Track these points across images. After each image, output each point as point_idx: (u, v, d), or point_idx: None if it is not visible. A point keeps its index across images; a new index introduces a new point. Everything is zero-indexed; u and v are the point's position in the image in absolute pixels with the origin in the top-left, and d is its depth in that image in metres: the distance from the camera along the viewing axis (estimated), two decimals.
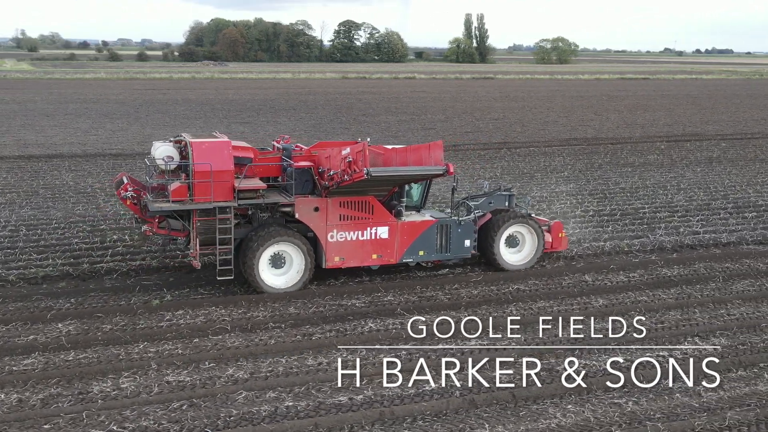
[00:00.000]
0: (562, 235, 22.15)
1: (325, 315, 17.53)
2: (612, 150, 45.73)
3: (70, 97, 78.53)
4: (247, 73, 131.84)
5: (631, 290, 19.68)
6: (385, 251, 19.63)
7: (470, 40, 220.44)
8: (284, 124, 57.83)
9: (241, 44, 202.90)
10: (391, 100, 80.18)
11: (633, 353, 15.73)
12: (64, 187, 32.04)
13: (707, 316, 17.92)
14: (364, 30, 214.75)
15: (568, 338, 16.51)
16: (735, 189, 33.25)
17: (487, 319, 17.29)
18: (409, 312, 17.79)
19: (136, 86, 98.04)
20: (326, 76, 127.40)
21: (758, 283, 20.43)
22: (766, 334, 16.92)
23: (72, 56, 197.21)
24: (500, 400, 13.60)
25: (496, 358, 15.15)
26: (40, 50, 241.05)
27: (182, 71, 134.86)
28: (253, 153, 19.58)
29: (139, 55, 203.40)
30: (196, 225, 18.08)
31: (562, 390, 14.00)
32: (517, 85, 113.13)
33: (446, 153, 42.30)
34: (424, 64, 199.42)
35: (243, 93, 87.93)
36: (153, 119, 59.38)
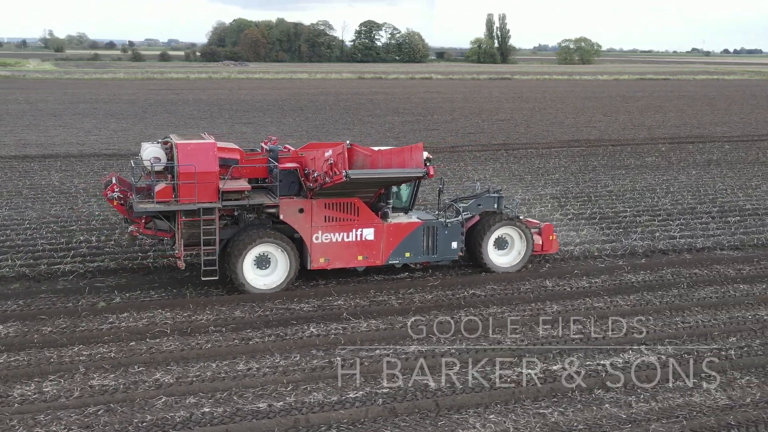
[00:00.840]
0: (553, 238, 21.95)
1: (269, 319, 17.36)
2: (612, 152, 45.15)
3: (83, 97, 79.19)
4: (264, 73, 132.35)
5: (590, 296, 19.31)
6: (370, 253, 19.57)
7: (492, 41, 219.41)
8: (288, 124, 57.85)
9: (262, 44, 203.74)
10: (402, 101, 79.95)
11: (572, 361, 15.39)
12: (48, 187, 32.19)
13: (660, 324, 17.52)
14: (385, 30, 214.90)
15: (510, 346, 16.17)
16: (725, 192, 32.63)
17: (431, 325, 17.08)
18: (355, 317, 17.59)
19: (151, 86, 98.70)
20: (342, 77, 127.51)
21: (722, 290, 19.95)
22: (716, 343, 16.46)
23: (96, 56, 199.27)
24: (422, 409, 13.34)
25: (428, 365, 14.95)
26: (66, 50, 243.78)
27: (200, 71, 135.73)
28: (239, 154, 19.60)
29: (161, 55, 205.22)
30: (181, 226, 18.15)
31: (488, 399, 13.73)
32: (533, 85, 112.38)
33: (442, 154, 42.53)
34: (445, 64, 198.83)
35: (256, 93, 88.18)
36: (159, 119, 59.64)
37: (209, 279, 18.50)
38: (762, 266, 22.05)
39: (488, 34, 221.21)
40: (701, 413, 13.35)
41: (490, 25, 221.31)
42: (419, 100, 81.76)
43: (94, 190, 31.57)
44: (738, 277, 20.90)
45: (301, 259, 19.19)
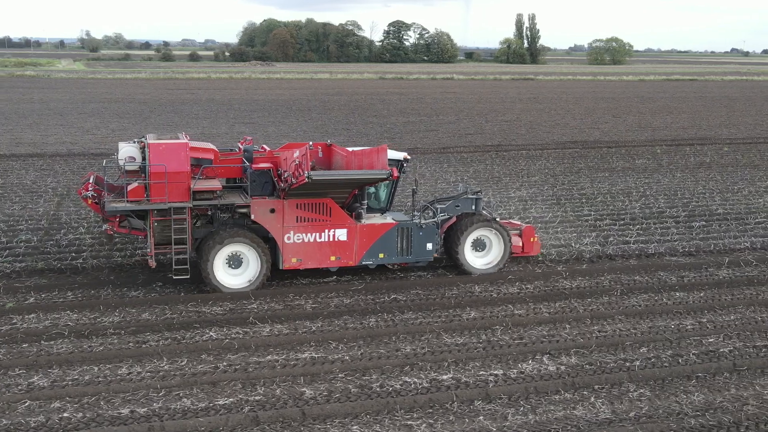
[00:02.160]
0: (534, 240, 21.72)
1: (173, 322, 17.12)
2: (604, 154, 44.30)
3: (98, 97, 79.98)
4: (286, 73, 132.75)
5: (513, 303, 18.77)
6: (343, 253, 19.51)
7: (521, 41, 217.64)
8: (288, 124, 57.76)
9: (290, 45, 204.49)
10: (413, 102, 79.52)
11: (466, 371, 14.93)
12: (18, 186, 32.36)
13: (575, 333, 16.95)
14: (413, 30, 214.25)
15: (408, 353, 15.75)
16: (703, 196, 31.74)
17: (335, 331, 16.75)
18: (262, 321, 17.30)
19: (170, 86, 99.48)
20: (363, 77, 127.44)
21: (655, 298, 19.29)
22: (624, 353, 15.86)
23: (126, 56, 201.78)
24: (287, 418, 12.98)
25: (312, 372, 14.63)
26: (101, 51, 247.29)
27: (224, 71, 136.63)
28: (213, 154, 19.70)
29: (191, 55, 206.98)
30: (153, 225, 18.29)
31: (359, 409, 13.32)
32: (553, 86, 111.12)
33: (430, 155, 42.06)
34: (473, 64, 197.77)
35: (270, 93, 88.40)
36: (162, 119, 59.91)
37: (180, 278, 18.67)
38: (707, 273, 21.34)
39: (518, 34, 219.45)
40: (576, 427, 12.81)
41: (520, 26, 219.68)
42: (431, 101, 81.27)
43: (63, 189, 31.71)
44: (677, 285, 20.23)
45: (274, 259, 19.19)
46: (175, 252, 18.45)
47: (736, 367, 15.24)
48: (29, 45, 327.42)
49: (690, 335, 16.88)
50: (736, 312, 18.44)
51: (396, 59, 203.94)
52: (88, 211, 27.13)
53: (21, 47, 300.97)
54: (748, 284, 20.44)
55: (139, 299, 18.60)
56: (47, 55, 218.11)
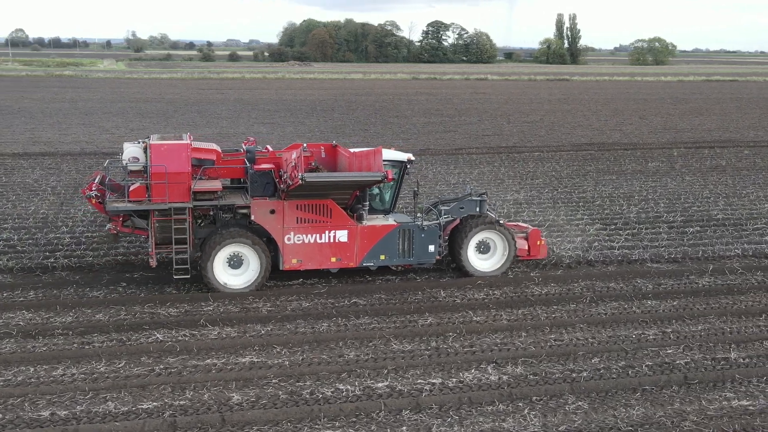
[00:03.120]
0: (540, 243, 21.36)
1: (123, 323, 17.04)
2: (619, 156, 43.39)
3: (129, 96, 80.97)
4: (320, 73, 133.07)
5: (475, 309, 18.35)
6: (344, 255, 19.44)
7: (561, 41, 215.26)
8: (308, 125, 57.76)
9: (329, 45, 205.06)
10: (440, 102, 79.06)
11: (403, 379, 14.58)
12: (18, 185, 32.75)
13: (529, 341, 16.49)
14: (452, 30, 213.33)
15: (349, 360, 15.45)
16: (707, 201, 30.83)
17: (283, 335, 16.53)
18: (213, 324, 17.15)
19: (202, 86, 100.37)
20: (397, 77, 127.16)
21: (624, 306, 18.70)
22: (573, 364, 15.36)
23: (168, 56, 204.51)
24: (205, 423, 12.78)
25: (246, 377, 14.44)
26: (145, 51, 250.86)
27: (259, 71, 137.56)
28: (216, 155, 19.82)
29: (230, 55, 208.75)
30: (154, 225, 18.48)
31: (282, 416, 13.07)
32: (587, 87, 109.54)
33: (440, 157, 41.62)
34: (512, 65, 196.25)
35: (300, 93, 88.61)
36: (183, 119, 60.35)
37: (181, 277, 18.78)
38: (687, 281, 20.66)
39: (558, 34, 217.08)
40: None
41: (560, 26, 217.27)
42: (459, 101, 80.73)
43: (62, 188, 32.02)
44: (652, 293, 19.60)
45: (275, 259, 19.21)
46: (176, 252, 18.58)
47: (687, 380, 14.65)
48: (77, 45, 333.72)
49: (649, 346, 16.30)
50: (705, 322, 17.78)
51: (434, 60, 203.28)
52: (76, 211, 27.37)
53: (69, 47, 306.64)
54: (726, 293, 19.72)
55: (97, 300, 18.59)
56: (92, 56, 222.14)
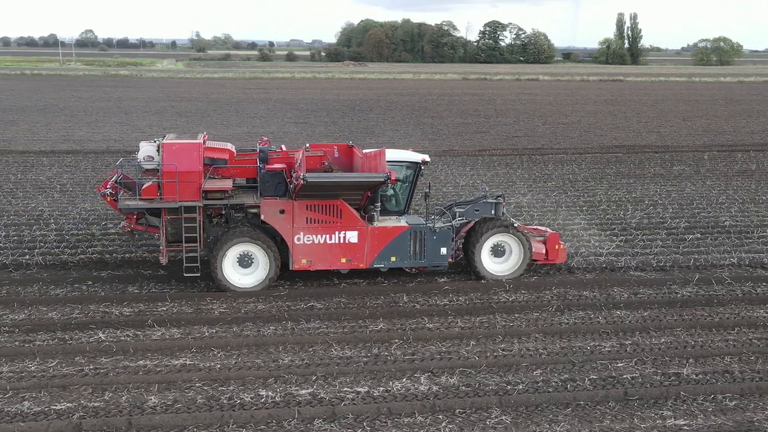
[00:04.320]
0: (559, 247, 20.93)
1: (71, 322, 17.03)
2: (647, 159, 42.10)
3: (174, 95, 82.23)
4: (371, 73, 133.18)
5: (431, 315, 17.85)
6: (354, 256, 19.35)
7: (621, 41, 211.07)
8: (340, 125, 57.72)
9: (385, 45, 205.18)
10: (482, 103, 78.26)
11: (330, 387, 14.21)
12: (31, 182, 33.34)
13: (476, 351, 15.95)
14: (510, 30, 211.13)
15: (280, 365, 15.15)
16: (720, 207, 29.60)
17: (225, 338, 16.33)
18: (160, 324, 17.03)
19: (249, 86, 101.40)
20: (446, 77, 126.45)
21: (591, 316, 17.96)
22: (513, 375, 14.78)
23: (227, 57, 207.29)
24: (111, 426, 12.64)
25: (171, 379, 14.30)
26: (207, 51, 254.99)
27: (310, 71, 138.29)
28: (228, 155, 19.98)
29: (287, 55, 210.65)
30: (165, 223, 18.74)
31: (191, 421, 12.83)
32: (640, 88, 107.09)
33: (461, 158, 41.01)
34: (569, 65, 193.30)
35: (344, 93, 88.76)
36: (217, 118, 60.89)
37: (191, 275, 18.94)
38: (666, 291, 19.79)
39: (618, 34, 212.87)
40: None
41: (621, 25, 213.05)
42: (501, 102, 79.81)
43: (70, 186, 32.51)
44: (624, 302, 18.80)
45: (285, 259, 19.24)
46: (186, 250, 18.73)
47: (627, 396, 13.93)
48: (143, 46, 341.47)
49: (601, 358, 15.59)
50: (671, 335, 16.95)
51: (491, 60, 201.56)
52: (73, 209, 27.70)
53: (135, 48, 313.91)
54: (704, 304, 18.79)
55: (56, 298, 18.67)
56: (155, 56, 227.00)
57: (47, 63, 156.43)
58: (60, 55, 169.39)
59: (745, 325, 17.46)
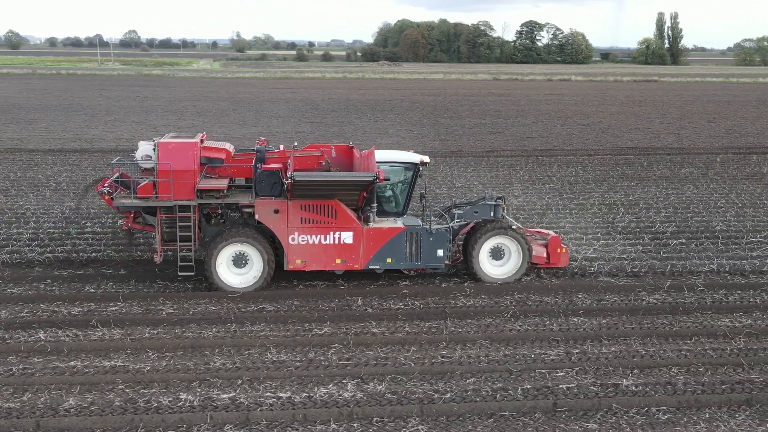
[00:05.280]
0: (562, 251, 20.56)
1: (16, 321, 17.01)
2: (657, 161, 41.16)
3: (200, 95, 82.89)
4: (403, 73, 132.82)
5: (381, 320, 17.49)
6: (349, 257, 19.25)
7: (661, 41, 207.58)
8: (356, 125, 57.59)
9: (421, 45, 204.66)
10: (505, 103, 77.57)
11: (253, 392, 13.95)
12: (28, 180, 33.68)
13: (414, 357, 15.55)
14: (547, 30, 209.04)
15: (210, 368, 14.94)
16: (716, 211, 28.73)
17: (164, 339, 16.18)
18: (104, 324, 16.93)
19: (278, 86, 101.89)
20: (477, 77, 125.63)
21: (545, 323, 17.44)
22: (444, 384, 14.36)
23: (263, 57, 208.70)
24: (19, 427, 12.53)
25: (93, 381, 14.17)
26: (247, 51, 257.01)
27: (343, 71, 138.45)
28: (225, 154, 20.01)
29: (323, 55, 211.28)
30: (161, 221, 18.86)
31: (101, 424, 12.67)
32: (673, 88, 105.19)
33: (466, 159, 40.51)
34: (607, 65, 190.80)
35: (370, 93, 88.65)
36: (235, 118, 61.12)
37: (185, 274, 19.02)
38: (633, 298, 19.16)
39: (658, 33, 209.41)
40: None
41: (661, 25, 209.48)
42: (526, 102, 79.09)
43: (66, 184, 32.78)
44: (584, 309, 18.23)
45: (280, 259, 19.21)
46: (180, 249, 18.77)
47: (555, 407, 13.45)
48: (185, 46, 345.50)
49: (541, 367, 15.10)
50: (624, 343, 16.38)
51: (527, 60, 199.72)
52: (56, 207, 27.86)
53: (177, 48, 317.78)
54: (669, 312, 18.15)
55: (11, 296, 18.72)
56: (194, 56, 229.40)
57: (86, 63, 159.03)
58: (98, 55, 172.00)
59: (705, 335, 16.79)
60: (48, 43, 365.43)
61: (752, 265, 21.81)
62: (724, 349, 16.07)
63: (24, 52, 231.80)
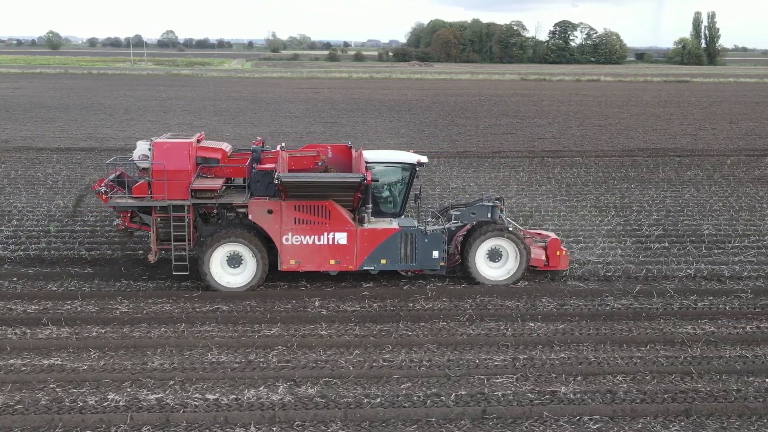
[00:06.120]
0: (561, 253, 20.26)
1: None
2: (664, 163, 40.42)
3: (222, 95, 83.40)
4: (431, 74, 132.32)
5: (333, 322, 17.29)
6: (343, 257, 19.18)
7: (698, 41, 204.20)
8: (370, 125, 57.43)
9: (453, 45, 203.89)
10: (524, 103, 76.87)
11: (183, 393, 13.84)
12: (25, 178, 34.05)
13: (355, 360, 15.32)
14: (580, 30, 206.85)
15: (146, 368, 14.86)
16: (710, 215, 28.03)
17: (108, 339, 16.16)
18: (54, 323, 16.97)
19: (302, 85, 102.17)
20: (505, 78, 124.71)
21: (500, 327, 17.10)
22: (376, 388, 14.12)
23: (295, 57, 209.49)
24: None
25: (32, 380, 14.18)
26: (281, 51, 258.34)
27: (371, 71, 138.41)
28: (221, 154, 20.06)
29: (355, 55, 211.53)
30: (156, 221, 19.01)
31: (21, 423, 12.66)
32: (702, 89, 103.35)
33: (470, 159, 40.11)
34: (641, 66, 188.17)
35: (393, 93, 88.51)
36: (250, 118, 61.32)
37: (180, 274, 19.13)
38: (597, 303, 18.72)
39: (695, 33, 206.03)
40: None
41: (697, 24, 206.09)
42: (549, 102, 78.33)
43: (62, 182, 33.09)
44: (544, 314, 17.84)
45: (275, 259, 19.20)
46: (175, 249, 18.85)
47: (484, 414, 13.16)
48: (222, 46, 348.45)
49: (482, 373, 14.79)
50: (576, 349, 16.00)
51: (560, 60, 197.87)
52: (45, 205, 28.10)
53: (213, 48, 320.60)
54: (631, 318, 17.70)
55: None
56: (229, 56, 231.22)
57: (120, 63, 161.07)
58: (131, 55, 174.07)
59: (662, 342, 16.33)
60: (88, 44, 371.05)
61: (731, 271, 21.21)
62: (678, 357, 15.59)
63: (63, 53, 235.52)
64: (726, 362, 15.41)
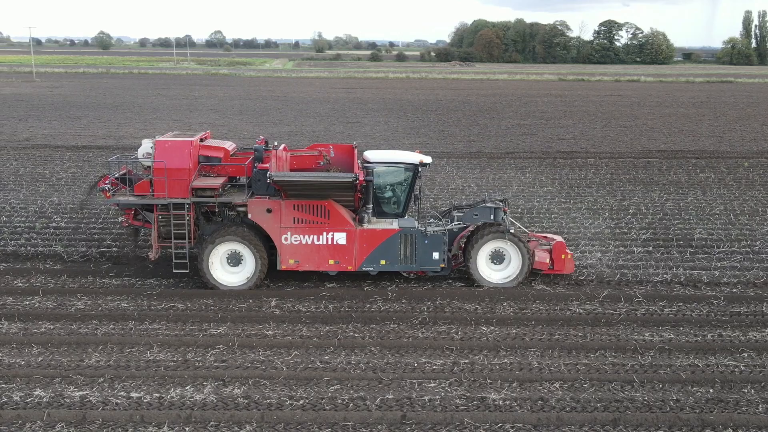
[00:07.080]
0: (566, 257, 19.95)
1: None
2: (678, 165, 39.43)
3: (252, 94, 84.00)
4: (468, 74, 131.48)
5: (282, 323, 17.18)
6: (342, 257, 19.17)
7: (748, 40, 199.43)
8: (391, 125, 57.20)
9: (495, 45, 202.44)
10: (555, 104, 75.87)
11: (111, 390, 13.85)
12: (33, 174, 34.61)
13: (293, 362, 15.19)
14: (626, 30, 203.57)
15: (83, 365, 14.91)
16: (707, 219, 27.22)
17: (55, 335, 16.25)
18: (7, 318, 17.14)
19: (336, 85, 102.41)
20: (542, 78, 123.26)
21: (450, 331, 16.81)
22: (303, 390, 13.95)
23: (337, 56, 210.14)
24: None
25: None
26: (326, 51, 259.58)
27: (408, 71, 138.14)
28: (224, 153, 20.19)
29: (397, 56, 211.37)
30: (157, 219, 19.26)
31: None
32: (745, 90, 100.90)
33: (482, 160, 39.73)
34: (688, 66, 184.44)
35: (423, 93, 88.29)
36: (275, 116, 61.63)
37: (180, 271, 19.41)
38: (559, 307, 18.32)
39: (745, 33, 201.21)
40: None
41: (748, 24, 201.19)
42: (581, 103, 77.24)
43: (65, 180, 33.56)
44: (500, 318, 17.48)
45: (274, 258, 19.28)
46: (175, 246, 19.05)
47: (403, 419, 12.90)
48: (269, 46, 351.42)
49: (414, 377, 14.52)
50: (522, 355, 15.65)
51: (605, 60, 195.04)
52: (39, 202, 28.50)
53: (259, 48, 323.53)
54: (590, 324, 17.26)
55: None
56: (273, 56, 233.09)
57: (164, 63, 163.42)
58: (174, 54, 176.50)
59: (613, 349, 15.86)
60: (139, 44, 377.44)
61: (710, 276, 20.54)
62: (624, 365, 15.13)
63: (111, 53, 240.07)
64: (674, 371, 14.89)
